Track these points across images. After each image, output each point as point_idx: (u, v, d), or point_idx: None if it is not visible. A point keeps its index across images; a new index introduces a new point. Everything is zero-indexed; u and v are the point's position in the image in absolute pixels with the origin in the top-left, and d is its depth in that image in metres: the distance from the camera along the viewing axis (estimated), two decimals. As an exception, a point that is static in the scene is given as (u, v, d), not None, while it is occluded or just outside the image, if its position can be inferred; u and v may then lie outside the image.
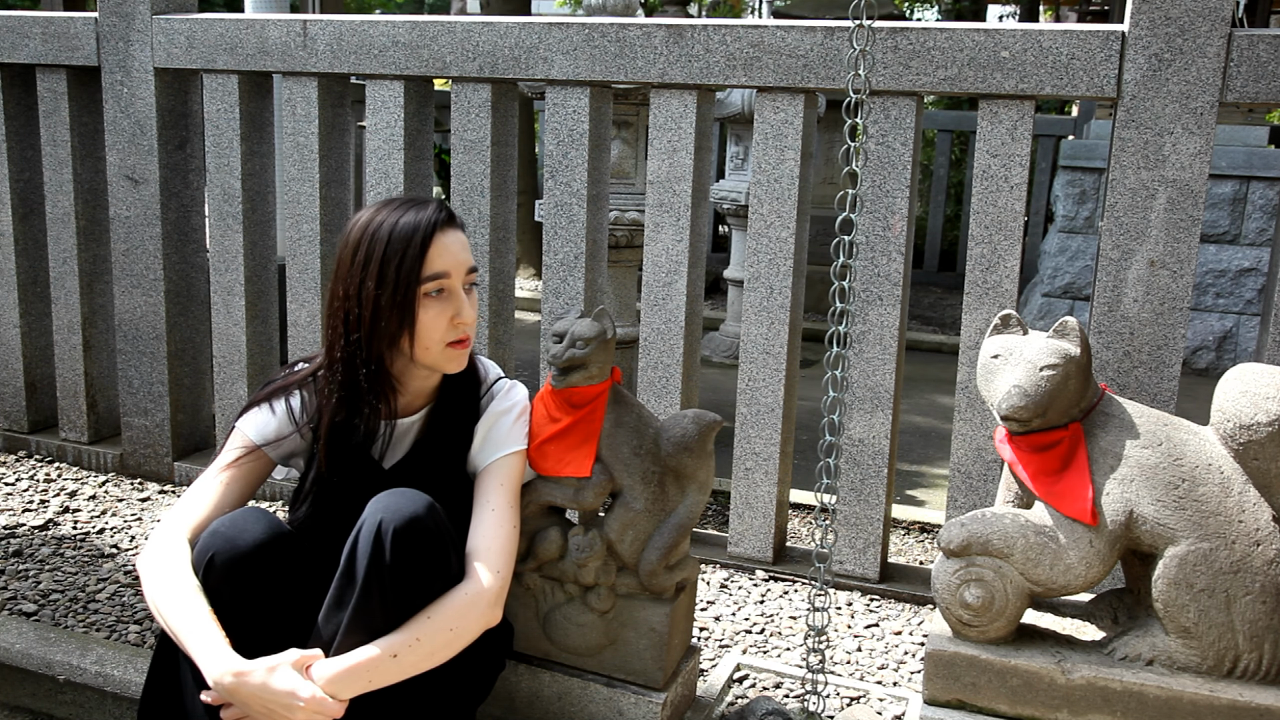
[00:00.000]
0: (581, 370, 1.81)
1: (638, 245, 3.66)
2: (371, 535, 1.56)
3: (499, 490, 1.77)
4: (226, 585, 1.58)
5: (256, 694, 1.49)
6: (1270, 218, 5.94)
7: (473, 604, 1.63)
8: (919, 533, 3.25)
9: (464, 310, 1.71)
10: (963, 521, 1.77)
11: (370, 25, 2.85)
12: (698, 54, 2.57)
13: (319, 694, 1.50)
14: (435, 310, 1.69)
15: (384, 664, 1.55)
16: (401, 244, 1.66)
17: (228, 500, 1.74)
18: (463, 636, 1.63)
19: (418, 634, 1.58)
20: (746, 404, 2.70)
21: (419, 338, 1.70)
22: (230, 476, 1.76)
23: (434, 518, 1.60)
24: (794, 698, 2.16)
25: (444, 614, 1.60)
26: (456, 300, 1.71)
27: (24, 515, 2.95)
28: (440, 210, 1.71)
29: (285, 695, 1.49)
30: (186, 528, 1.68)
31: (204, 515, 1.71)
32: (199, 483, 1.76)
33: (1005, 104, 2.40)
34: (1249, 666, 1.68)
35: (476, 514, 1.75)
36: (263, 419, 1.78)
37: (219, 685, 1.50)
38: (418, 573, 1.58)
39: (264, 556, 1.60)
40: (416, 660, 1.58)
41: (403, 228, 1.67)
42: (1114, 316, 2.38)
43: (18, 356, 3.41)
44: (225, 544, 1.59)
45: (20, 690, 2.20)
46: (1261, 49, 2.22)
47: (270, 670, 1.50)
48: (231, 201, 3.09)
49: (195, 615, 1.54)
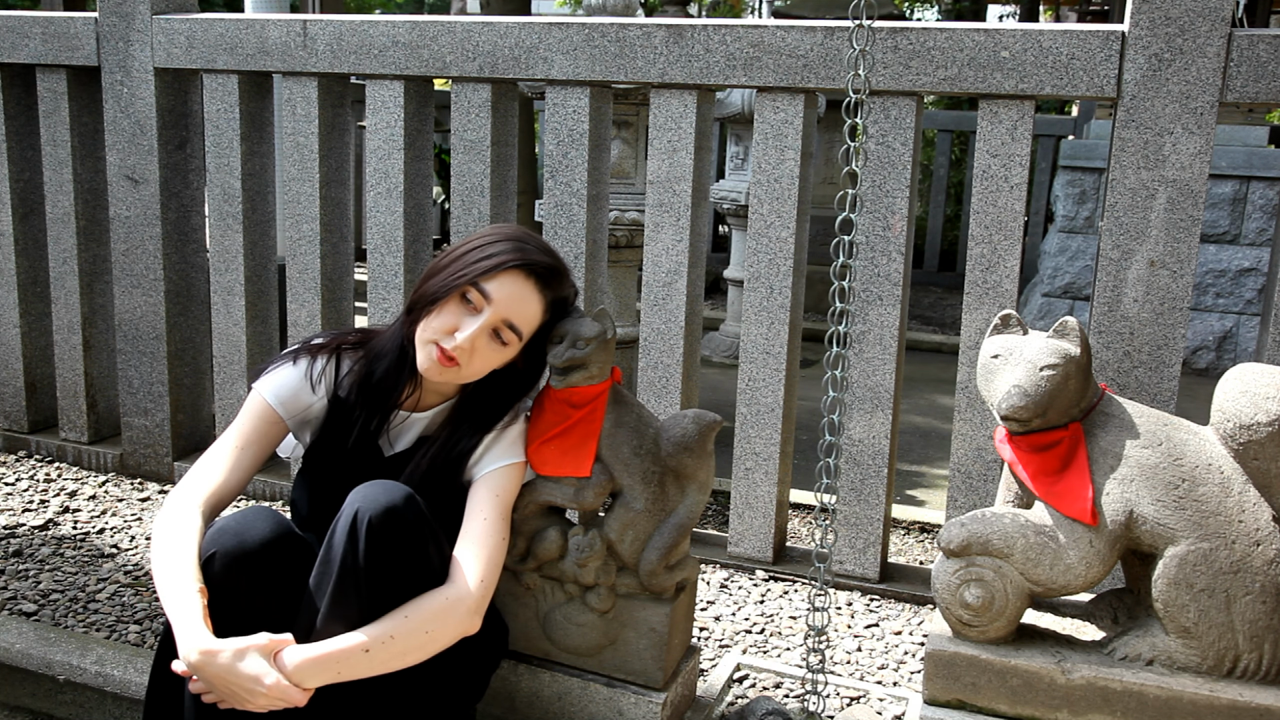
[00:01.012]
0: (581, 370, 1.81)
1: (638, 245, 3.66)
2: (348, 526, 1.57)
3: (493, 501, 1.77)
4: (233, 582, 1.59)
5: (222, 674, 1.50)
6: (1270, 218, 5.94)
7: (451, 609, 1.63)
8: (919, 533, 3.25)
9: (468, 335, 1.69)
10: (963, 521, 1.77)
11: (370, 25, 2.85)
12: (698, 54, 2.58)
13: (282, 682, 1.51)
14: (452, 310, 1.71)
15: (354, 657, 1.55)
16: (485, 253, 1.71)
17: (241, 466, 1.76)
18: (438, 640, 1.62)
19: (392, 631, 1.58)
20: (746, 404, 2.70)
21: (425, 321, 1.72)
22: (244, 441, 1.78)
23: (412, 509, 1.61)
24: (794, 698, 2.16)
25: (421, 615, 1.61)
26: (473, 326, 1.69)
27: (24, 515, 2.95)
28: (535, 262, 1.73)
29: (249, 679, 1.50)
30: (200, 495, 1.70)
31: (218, 482, 1.73)
32: (213, 449, 1.78)
33: (1005, 104, 2.40)
34: (1249, 666, 1.68)
35: (467, 521, 1.75)
36: (280, 380, 1.80)
37: (187, 660, 1.52)
38: (394, 564, 1.59)
39: (270, 554, 1.61)
40: (388, 658, 1.58)
41: (500, 246, 1.72)
42: (1114, 316, 2.38)
43: (18, 356, 3.41)
44: (233, 540, 1.60)
45: (20, 690, 2.20)
46: (1261, 49, 2.22)
47: (238, 652, 1.51)
48: (231, 201, 3.09)
49: (181, 589, 1.55)
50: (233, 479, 1.75)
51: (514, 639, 1.96)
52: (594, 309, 1.93)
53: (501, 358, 1.75)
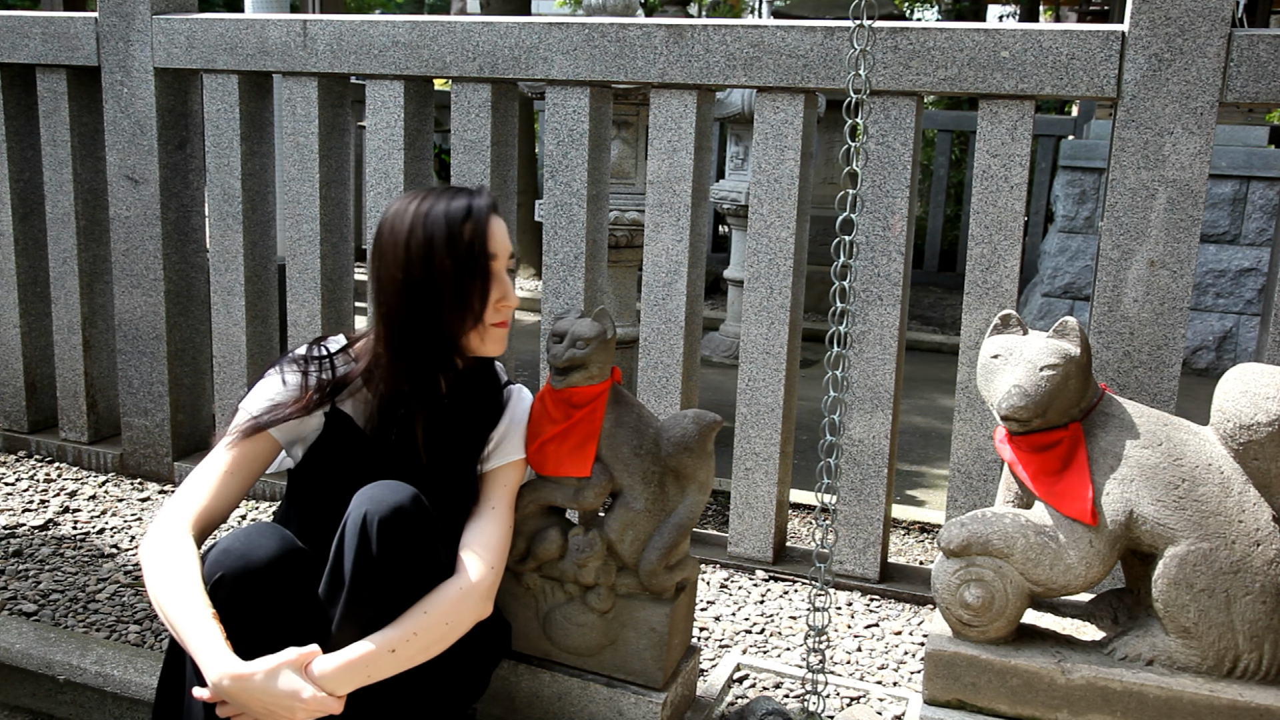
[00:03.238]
0: (581, 370, 1.81)
1: (638, 245, 3.66)
2: (357, 528, 1.57)
3: (502, 492, 1.82)
4: (240, 603, 1.56)
5: (258, 696, 1.49)
6: (1270, 218, 5.94)
7: (466, 596, 1.65)
8: (919, 533, 3.25)
9: (509, 293, 1.75)
10: (963, 521, 1.77)
11: (370, 25, 2.85)
12: (698, 54, 2.58)
13: (320, 694, 1.51)
14: (492, 287, 1.73)
15: (382, 658, 1.56)
16: (463, 223, 1.69)
17: (229, 486, 1.72)
18: (457, 629, 1.65)
19: (414, 628, 1.59)
20: (746, 404, 2.70)
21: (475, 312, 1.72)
22: (233, 461, 1.72)
23: (418, 507, 1.61)
24: (794, 698, 2.16)
25: (439, 608, 1.62)
26: (502, 283, 1.75)
27: (24, 515, 2.95)
28: (488, 195, 1.76)
29: (287, 696, 1.49)
30: (188, 517, 1.66)
31: (205, 503, 1.69)
32: (200, 468, 1.73)
33: (1005, 104, 2.40)
34: (1249, 666, 1.68)
35: (479, 510, 1.79)
36: (268, 394, 1.75)
37: (217, 687, 1.49)
38: (405, 563, 1.59)
39: (278, 573, 1.59)
40: (413, 654, 1.60)
41: (458, 209, 1.70)
42: (1114, 316, 2.38)
43: (18, 356, 3.41)
44: (238, 561, 1.57)
45: (20, 690, 2.20)
46: (1261, 49, 2.22)
47: (270, 673, 1.50)
48: (231, 201, 3.09)
49: (194, 616, 1.53)
50: (220, 504, 1.71)
51: (514, 639, 1.96)
52: (594, 309, 1.93)
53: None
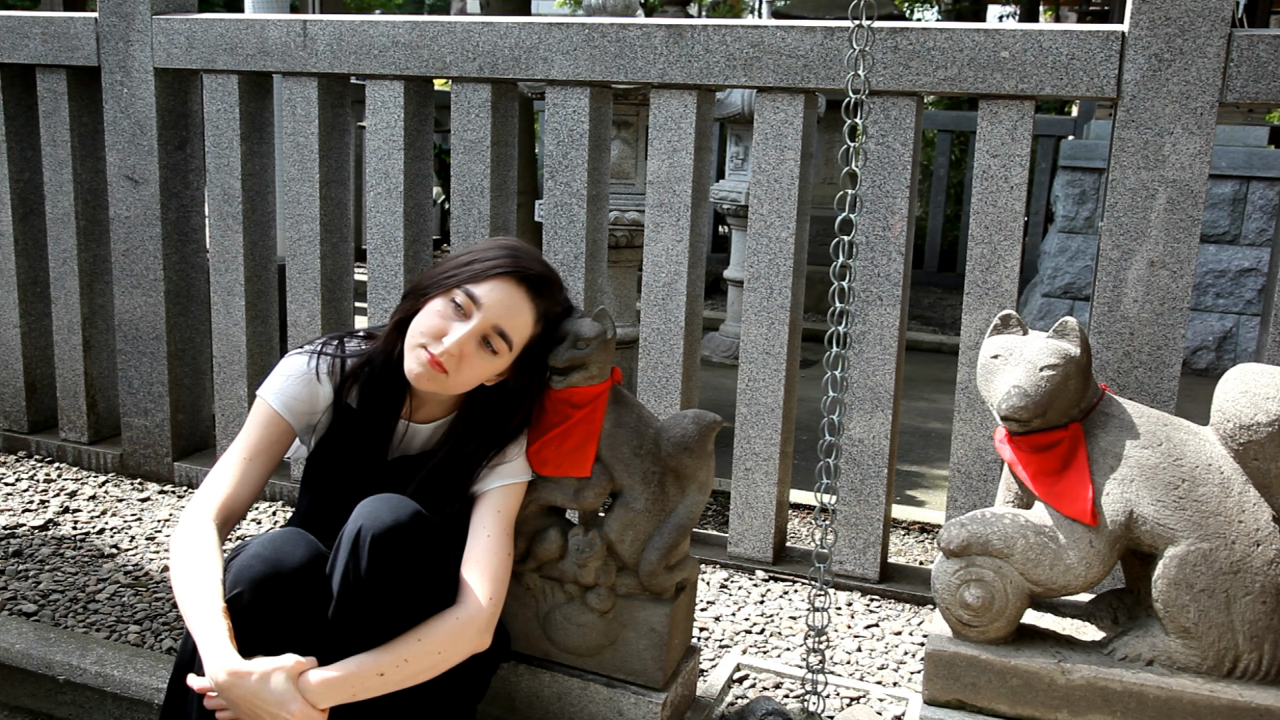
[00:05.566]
0: (581, 370, 1.81)
1: (638, 245, 3.66)
2: (350, 544, 1.58)
3: (495, 517, 1.77)
4: (268, 608, 1.57)
5: (247, 696, 1.50)
6: (1270, 218, 5.94)
7: (463, 629, 1.64)
8: (919, 533, 3.25)
9: (456, 339, 1.66)
10: (963, 521, 1.77)
11: (370, 25, 2.85)
12: (698, 54, 2.57)
13: (305, 709, 1.51)
14: (441, 314, 1.69)
15: (369, 680, 1.57)
16: (476, 258, 1.71)
17: (250, 473, 1.76)
18: (449, 659, 1.64)
19: (406, 655, 1.59)
20: (746, 404, 2.70)
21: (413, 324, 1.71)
22: (252, 451, 1.77)
23: (419, 523, 1.60)
24: (794, 698, 2.16)
25: (434, 637, 1.62)
26: (462, 330, 1.67)
27: (24, 515, 2.95)
28: (526, 269, 1.72)
29: (274, 704, 1.50)
30: (212, 507, 1.70)
31: (228, 490, 1.73)
32: (222, 461, 1.77)
33: (1005, 104, 2.40)
34: (1249, 666, 1.68)
35: (472, 538, 1.75)
36: (285, 385, 1.79)
37: (215, 680, 1.51)
38: (397, 581, 1.58)
39: (305, 578, 1.60)
40: (401, 679, 1.59)
41: (492, 254, 1.72)
42: (1114, 316, 2.38)
43: (18, 356, 3.41)
44: (268, 567, 1.58)
45: (20, 690, 2.20)
46: (1261, 49, 2.22)
47: (264, 676, 1.50)
48: (231, 201, 3.09)
49: (205, 608, 1.55)
50: (243, 490, 1.75)
51: (514, 639, 1.96)
52: (594, 309, 1.93)
53: (491, 368, 1.72)
